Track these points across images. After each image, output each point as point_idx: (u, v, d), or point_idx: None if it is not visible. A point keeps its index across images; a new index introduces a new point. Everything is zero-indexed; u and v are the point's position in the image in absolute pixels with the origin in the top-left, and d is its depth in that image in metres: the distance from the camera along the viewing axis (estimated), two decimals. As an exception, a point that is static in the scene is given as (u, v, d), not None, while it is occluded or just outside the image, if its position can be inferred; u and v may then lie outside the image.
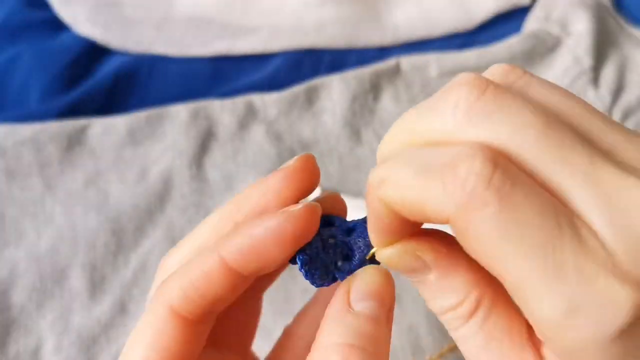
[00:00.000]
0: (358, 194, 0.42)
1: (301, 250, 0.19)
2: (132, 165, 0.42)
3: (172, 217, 0.40)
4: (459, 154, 0.14)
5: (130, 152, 0.43)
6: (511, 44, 0.47)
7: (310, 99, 0.45)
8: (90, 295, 0.37)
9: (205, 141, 0.43)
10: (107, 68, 0.49)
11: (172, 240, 0.40)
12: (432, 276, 0.17)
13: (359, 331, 0.17)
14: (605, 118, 0.16)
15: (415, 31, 0.52)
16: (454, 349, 0.35)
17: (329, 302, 0.19)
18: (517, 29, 0.51)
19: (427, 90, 0.46)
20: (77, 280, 0.38)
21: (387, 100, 0.46)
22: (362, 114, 0.45)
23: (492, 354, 0.16)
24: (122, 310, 0.37)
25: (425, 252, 0.17)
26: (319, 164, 0.43)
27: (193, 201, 0.41)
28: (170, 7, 0.52)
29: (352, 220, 0.21)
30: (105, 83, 0.47)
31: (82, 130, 0.43)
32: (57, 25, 0.52)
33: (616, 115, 0.45)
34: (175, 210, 0.41)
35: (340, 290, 0.19)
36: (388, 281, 0.19)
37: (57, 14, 0.51)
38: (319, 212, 0.19)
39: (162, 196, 0.41)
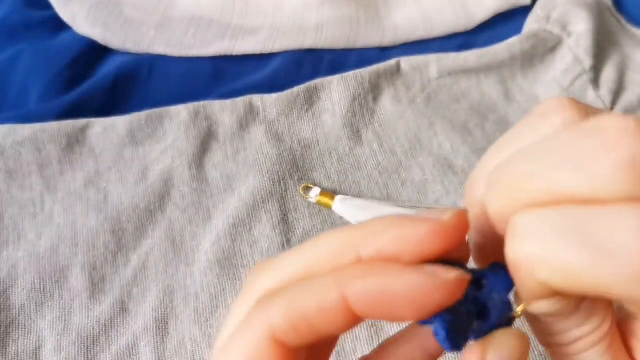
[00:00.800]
0: (358, 194, 0.42)
1: (442, 312, 0.16)
2: (132, 165, 0.42)
3: (172, 217, 0.40)
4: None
5: (130, 152, 0.43)
6: (511, 44, 0.47)
7: (310, 99, 0.45)
8: (90, 295, 0.37)
9: (205, 141, 0.43)
10: (107, 68, 0.49)
11: (172, 240, 0.40)
12: (584, 305, 0.16)
13: None
14: None
15: (415, 31, 0.52)
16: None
17: (418, 341, 0.17)
18: (517, 29, 0.51)
19: (427, 90, 0.46)
20: (77, 280, 0.38)
21: (387, 101, 0.46)
22: (362, 115, 0.45)
23: None
24: (122, 310, 0.37)
25: None
26: (319, 164, 0.43)
27: (193, 201, 0.41)
28: (171, 7, 0.52)
29: (479, 270, 0.19)
30: (105, 83, 0.47)
31: (82, 130, 0.43)
32: (57, 25, 0.52)
33: (616, 116, 0.45)
34: (175, 210, 0.41)
35: (472, 354, 0.17)
36: (527, 347, 0.17)
37: (57, 14, 0.51)
38: (467, 284, 0.17)
39: (162, 196, 0.41)
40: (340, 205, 0.40)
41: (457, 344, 0.17)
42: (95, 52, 0.50)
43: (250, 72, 0.50)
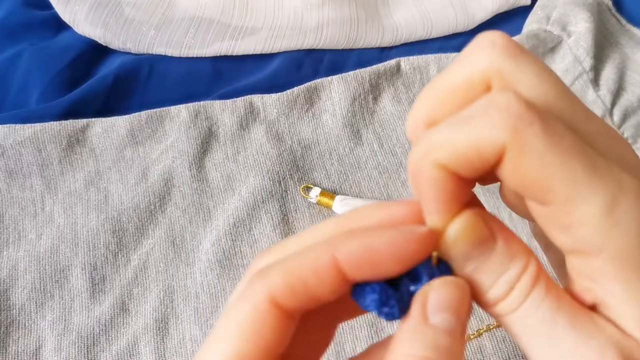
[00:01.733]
0: (358, 194, 0.42)
1: (374, 298, 0.18)
2: (132, 165, 0.42)
3: (172, 217, 0.40)
4: (494, 93, 0.16)
5: (130, 152, 0.43)
6: (511, 44, 0.47)
7: (311, 99, 0.45)
8: (90, 295, 0.37)
9: (205, 141, 0.43)
10: (107, 68, 0.49)
11: (173, 240, 0.40)
12: (499, 243, 0.18)
13: (435, 344, 0.17)
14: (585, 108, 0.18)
15: (415, 31, 0.52)
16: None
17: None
18: (517, 29, 0.51)
19: (427, 90, 0.46)
20: (77, 280, 0.38)
21: (387, 101, 0.46)
22: (362, 115, 0.45)
23: (562, 327, 0.17)
24: (122, 310, 0.37)
25: (488, 218, 0.18)
26: (319, 164, 0.43)
27: (193, 201, 0.41)
28: (171, 7, 0.52)
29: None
30: (105, 83, 0.47)
31: (82, 130, 0.43)
32: (57, 25, 0.52)
33: (617, 115, 0.45)
34: (175, 210, 0.41)
35: (416, 302, 0.18)
36: (464, 293, 0.18)
37: (57, 14, 0.51)
38: (437, 237, 0.19)
39: (162, 196, 0.41)
40: (340, 206, 0.40)
41: (400, 313, 0.18)
42: (95, 52, 0.50)
43: (250, 72, 0.50)
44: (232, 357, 0.18)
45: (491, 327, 0.36)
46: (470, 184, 0.18)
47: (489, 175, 0.17)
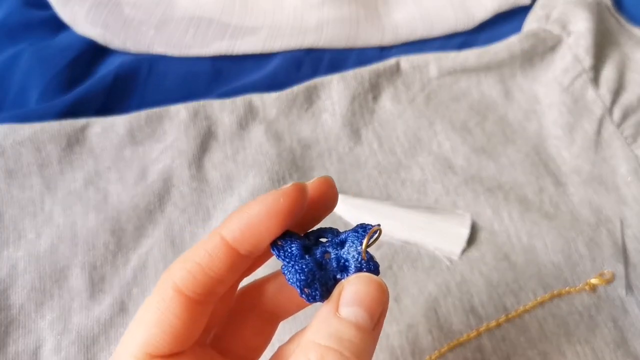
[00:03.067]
0: (358, 194, 0.42)
1: (300, 277, 0.20)
2: (131, 165, 0.42)
3: (172, 217, 0.40)
4: None
5: (130, 152, 0.43)
6: (511, 43, 0.47)
7: (310, 98, 0.45)
8: (89, 295, 0.37)
9: (205, 141, 0.43)
10: (107, 68, 0.49)
11: (172, 240, 0.40)
12: None
13: (340, 336, 0.18)
14: None
15: (415, 31, 0.52)
16: (454, 347, 0.35)
17: None
18: (517, 28, 0.51)
19: (427, 90, 0.46)
20: (76, 280, 0.38)
21: (387, 100, 0.46)
22: (361, 114, 0.45)
23: None
24: (122, 310, 0.37)
25: None
26: (319, 164, 0.43)
27: (193, 201, 0.41)
28: (170, 7, 0.52)
29: (344, 232, 0.22)
30: (105, 83, 0.47)
31: (82, 130, 0.43)
32: (57, 25, 0.52)
33: (616, 115, 0.45)
34: (175, 210, 0.41)
35: (333, 294, 0.19)
36: (379, 290, 0.19)
37: (57, 14, 0.51)
38: (307, 191, 0.21)
39: (161, 196, 0.41)
40: (340, 205, 0.40)
41: (321, 298, 0.20)
42: (95, 52, 0.50)
43: (250, 72, 0.50)
44: (144, 343, 0.20)
45: (491, 326, 0.36)
46: None
47: None
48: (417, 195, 0.42)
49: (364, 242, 0.20)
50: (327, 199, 0.22)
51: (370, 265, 0.20)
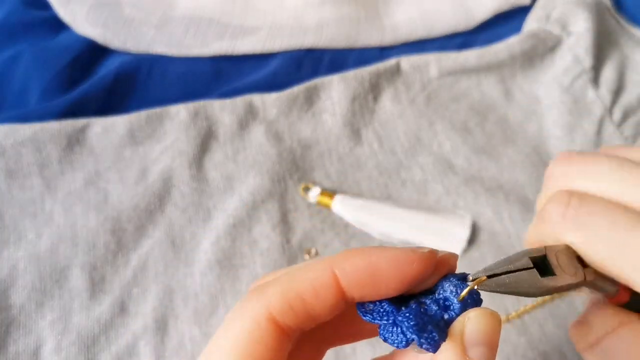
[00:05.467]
0: (358, 194, 0.42)
1: (410, 324, 0.18)
2: (132, 165, 0.42)
3: (172, 217, 0.40)
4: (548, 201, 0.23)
5: (130, 152, 0.43)
6: (511, 43, 0.47)
7: (310, 98, 0.45)
8: (90, 295, 0.37)
9: (205, 141, 0.43)
10: (107, 68, 0.49)
11: (172, 240, 0.40)
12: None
13: None
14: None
15: (415, 31, 0.52)
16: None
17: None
18: (517, 29, 0.51)
19: (427, 90, 0.46)
20: (76, 280, 0.38)
21: (387, 101, 0.46)
22: (362, 114, 0.45)
23: None
24: (122, 310, 0.37)
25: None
26: (319, 164, 0.43)
27: (193, 201, 0.41)
28: (170, 7, 0.52)
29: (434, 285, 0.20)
30: (105, 83, 0.47)
31: (82, 130, 0.43)
32: (57, 25, 0.52)
33: (616, 115, 0.45)
34: (175, 210, 0.41)
35: (453, 332, 0.18)
36: (498, 324, 0.18)
37: (57, 14, 0.51)
38: (436, 257, 0.19)
39: (162, 196, 0.41)
40: (340, 205, 0.40)
41: (439, 342, 0.18)
42: (95, 52, 0.50)
43: (250, 72, 0.50)
44: None
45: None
46: None
47: None
48: (418, 196, 0.42)
49: (469, 286, 0.19)
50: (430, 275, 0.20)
51: (474, 297, 0.19)
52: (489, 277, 0.19)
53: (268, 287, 0.18)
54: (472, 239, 0.39)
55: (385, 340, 0.18)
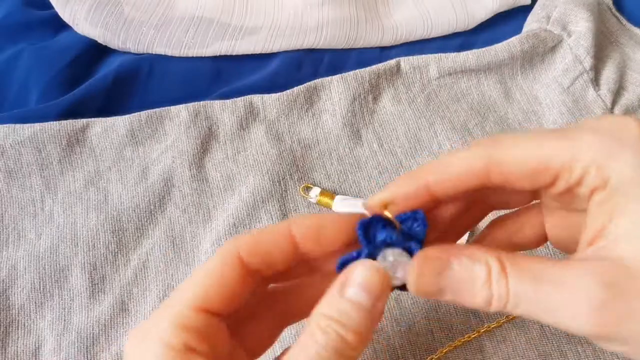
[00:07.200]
0: (358, 194, 0.42)
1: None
2: (132, 165, 0.42)
3: (172, 217, 0.40)
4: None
5: (130, 152, 0.43)
6: (511, 43, 0.47)
7: (310, 99, 0.45)
8: (90, 295, 0.37)
9: (205, 141, 0.43)
10: (107, 68, 0.49)
11: (172, 240, 0.40)
12: (454, 264, 0.22)
13: (343, 311, 0.21)
14: None
15: (415, 31, 0.52)
16: (455, 348, 0.35)
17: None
18: (517, 29, 0.51)
19: (427, 90, 0.46)
20: (76, 280, 0.38)
21: (387, 101, 0.46)
22: (362, 115, 0.45)
23: (548, 287, 0.20)
24: (122, 310, 0.37)
25: (442, 250, 0.23)
26: (319, 164, 0.43)
27: (193, 201, 0.41)
28: (171, 7, 0.52)
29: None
30: (105, 83, 0.47)
31: (82, 130, 0.43)
32: (57, 25, 0.52)
33: (617, 114, 0.45)
34: (175, 210, 0.41)
35: (339, 277, 0.22)
36: (381, 278, 0.21)
37: (57, 14, 0.51)
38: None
39: (162, 196, 0.41)
40: (340, 205, 0.40)
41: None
42: (95, 52, 0.50)
43: (250, 72, 0.50)
44: (199, 298, 0.22)
45: (491, 326, 0.36)
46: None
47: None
48: (418, 196, 0.42)
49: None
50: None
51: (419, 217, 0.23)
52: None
53: (239, 236, 0.23)
54: (472, 239, 0.39)
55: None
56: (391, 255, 0.22)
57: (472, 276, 0.21)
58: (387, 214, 0.23)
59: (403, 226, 0.23)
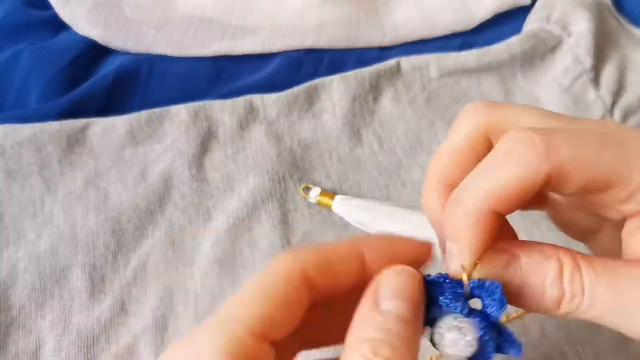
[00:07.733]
0: (358, 194, 0.42)
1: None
2: (132, 165, 0.42)
3: (172, 218, 0.40)
4: (512, 135, 0.20)
5: (130, 152, 0.43)
6: (511, 43, 0.47)
7: (310, 99, 0.45)
8: (90, 295, 0.37)
9: (205, 141, 0.43)
10: (107, 68, 0.49)
11: (172, 240, 0.40)
12: (523, 259, 0.20)
13: (386, 328, 0.18)
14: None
15: (415, 31, 0.52)
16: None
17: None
18: (517, 29, 0.51)
19: (428, 90, 0.46)
20: (77, 280, 0.38)
21: (387, 101, 0.46)
22: (362, 115, 0.45)
23: (627, 288, 0.19)
24: (122, 310, 0.37)
25: (507, 245, 0.21)
26: (319, 164, 0.43)
27: (193, 201, 0.41)
28: (171, 7, 0.52)
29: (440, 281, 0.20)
30: (105, 83, 0.47)
31: (82, 130, 0.43)
32: (57, 25, 0.52)
33: (617, 115, 0.45)
34: (175, 211, 0.41)
35: (368, 291, 0.19)
36: (415, 280, 0.19)
37: (57, 14, 0.51)
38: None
39: (162, 196, 0.41)
40: (340, 205, 0.40)
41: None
42: (95, 52, 0.50)
43: (250, 72, 0.50)
44: (259, 321, 0.18)
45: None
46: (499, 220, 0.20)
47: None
48: (418, 196, 0.42)
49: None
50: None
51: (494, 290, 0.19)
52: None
53: (301, 249, 0.20)
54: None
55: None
56: (456, 330, 0.19)
57: (542, 272, 0.19)
58: (464, 277, 0.19)
59: (474, 293, 0.20)
